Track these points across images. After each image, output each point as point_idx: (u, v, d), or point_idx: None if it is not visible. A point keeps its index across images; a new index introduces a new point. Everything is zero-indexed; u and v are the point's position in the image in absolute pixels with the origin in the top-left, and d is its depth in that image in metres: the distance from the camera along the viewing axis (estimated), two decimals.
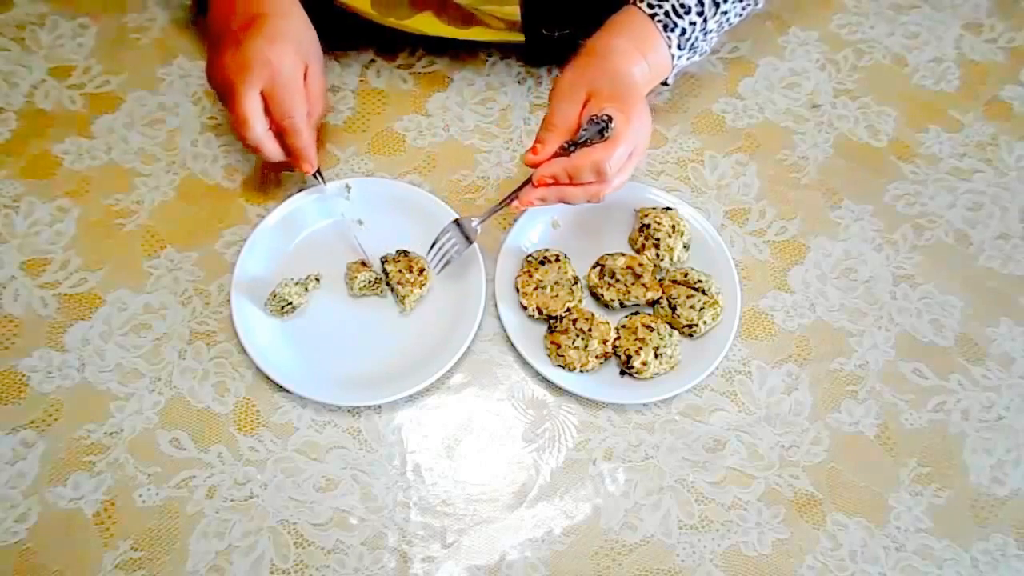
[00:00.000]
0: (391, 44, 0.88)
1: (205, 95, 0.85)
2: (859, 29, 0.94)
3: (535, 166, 0.68)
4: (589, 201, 0.69)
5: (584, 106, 0.68)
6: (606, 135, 0.66)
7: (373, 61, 0.88)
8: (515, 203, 0.70)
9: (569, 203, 0.70)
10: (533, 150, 0.68)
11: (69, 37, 0.87)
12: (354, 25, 0.83)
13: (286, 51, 0.69)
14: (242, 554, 0.66)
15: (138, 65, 0.86)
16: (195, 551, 0.66)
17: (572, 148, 0.67)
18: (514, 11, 0.77)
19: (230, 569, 0.66)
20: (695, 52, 0.77)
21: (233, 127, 0.70)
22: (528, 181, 0.69)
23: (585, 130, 0.67)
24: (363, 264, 0.75)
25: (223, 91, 0.70)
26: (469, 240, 0.74)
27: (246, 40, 0.68)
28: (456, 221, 0.75)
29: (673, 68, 0.76)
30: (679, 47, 0.74)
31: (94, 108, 0.83)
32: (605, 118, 0.67)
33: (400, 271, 0.74)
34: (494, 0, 0.77)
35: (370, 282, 0.74)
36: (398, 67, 0.88)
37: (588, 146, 0.67)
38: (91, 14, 0.88)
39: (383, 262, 0.75)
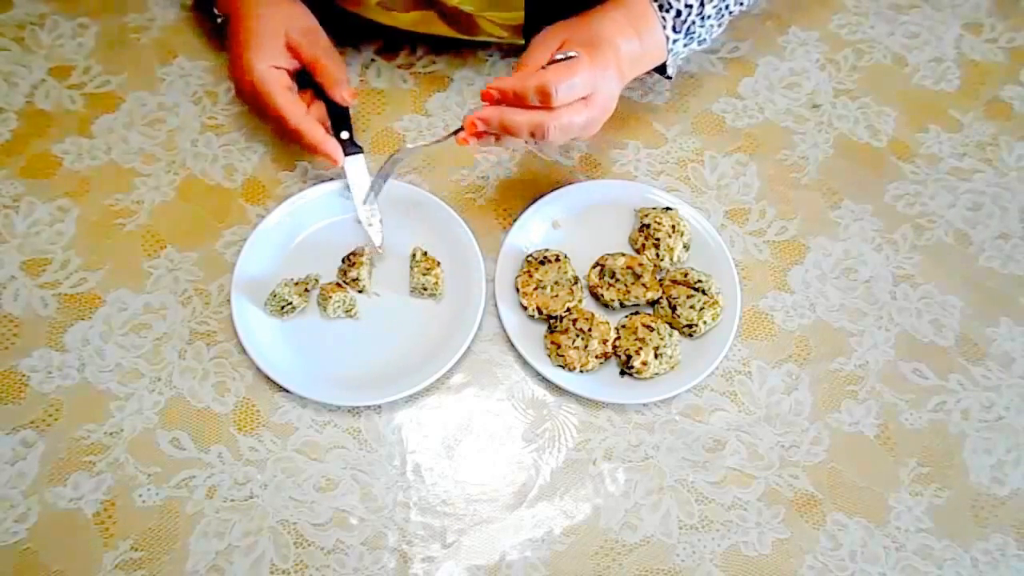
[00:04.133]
0: (391, 44, 0.88)
1: (205, 95, 0.85)
2: (859, 29, 0.94)
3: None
4: (533, 135, 0.66)
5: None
6: None
7: (373, 61, 0.88)
8: (460, 133, 0.67)
9: (512, 133, 0.66)
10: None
11: (69, 37, 0.87)
12: (354, 25, 0.83)
13: (258, 58, 0.72)
14: (242, 554, 0.66)
15: (138, 65, 0.86)
16: (195, 551, 0.66)
17: None
18: (517, 16, 0.77)
19: (230, 569, 0.66)
20: (693, 39, 0.76)
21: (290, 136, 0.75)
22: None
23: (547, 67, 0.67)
24: (337, 285, 0.75)
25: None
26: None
27: (231, 58, 0.75)
28: (401, 150, 0.74)
29: (670, 53, 0.75)
30: (674, 29, 0.73)
31: (94, 108, 0.83)
32: (570, 55, 0.66)
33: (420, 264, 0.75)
34: (497, 6, 0.77)
35: (344, 303, 0.74)
36: (398, 67, 0.88)
37: None
38: (91, 14, 0.88)
39: (412, 256, 0.76)
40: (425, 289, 0.75)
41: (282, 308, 0.73)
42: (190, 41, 0.88)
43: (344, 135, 0.78)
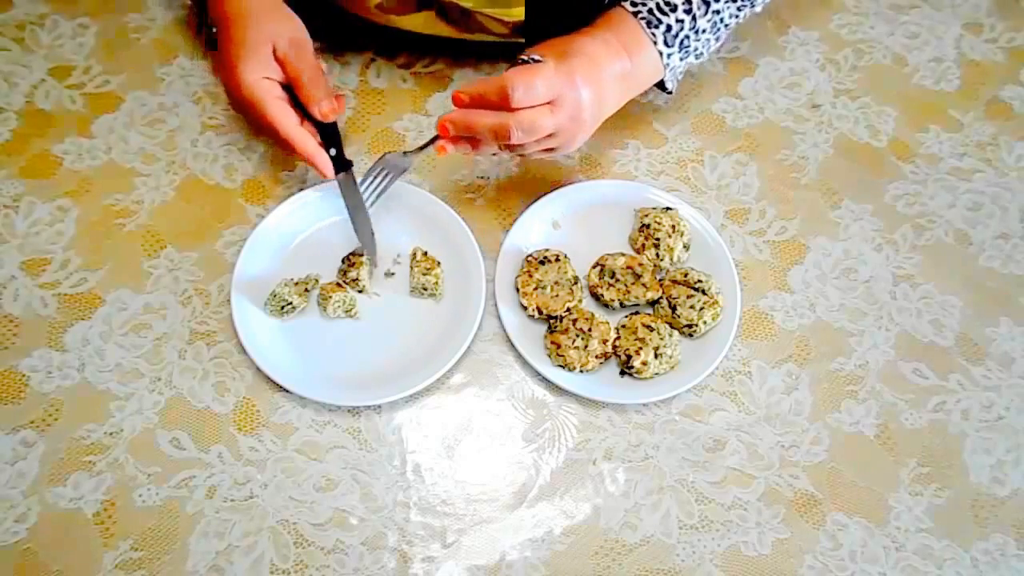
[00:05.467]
0: (391, 44, 0.88)
1: (205, 95, 0.85)
2: (859, 29, 0.94)
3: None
4: (496, 137, 0.67)
5: None
6: None
7: (373, 61, 0.88)
8: (437, 143, 0.69)
9: (475, 133, 0.67)
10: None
11: (69, 37, 0.87)
12: (354, 25, 0.83)
13: (243, 71, 0.72)
14: (242, 554, 0.66)
15: (138, 65, 0.86)
16: (195, 551, 0.66)
17: None
18: (518, 12, 0.77)
19: (230, 569, 0.66)
20: (689, 53, 0.76)
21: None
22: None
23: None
24: (337, 285, 0.75)
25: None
26: (402, 170, 0.75)
27: (224, 69, 0.75)
28: (384, 157, 0.75)
29: (667, 68, 0.75)
30: (666, 43, 0.74)
31: (94, 108, 0.83)
32: (532, 59, 0.66)
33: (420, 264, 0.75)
34: (497, 3, 0.77)
35: (344, 303, 0.74)
36: (398, 67, 0.88)
37: None
38: (91, 14, 0.88)
39: (412, 256, 0.76)
40: (425, 289, 0.75)
41: (282, 308, 0.73)
42: (190, 41, 0.88)
43: (332, 152, 0.76)
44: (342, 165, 0.76)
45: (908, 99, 0.90)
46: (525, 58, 0.69)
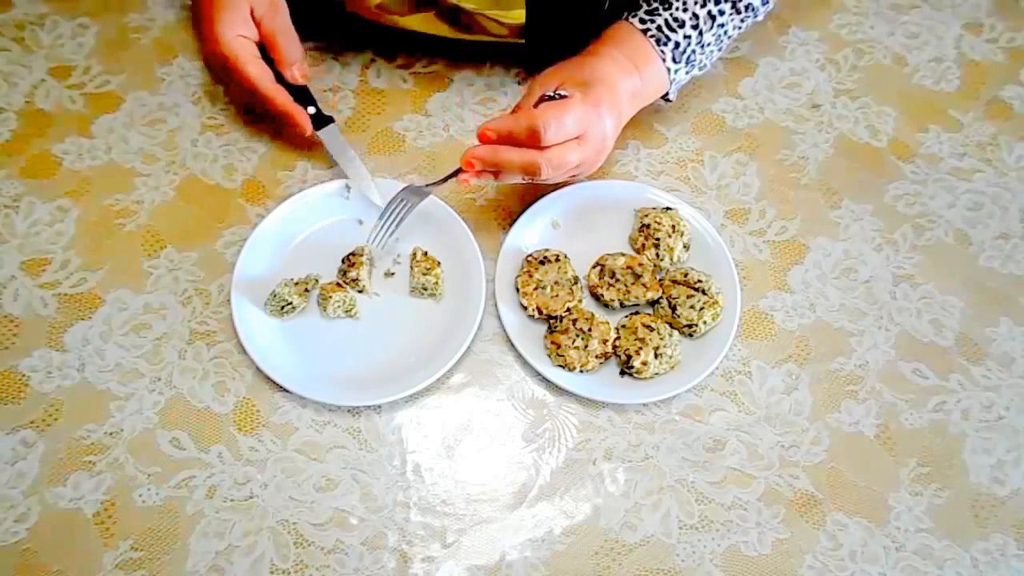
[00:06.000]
0: (391, 44, 0.88)
1: (205, 95, 0.85)
2: (859, 29, 0.94)
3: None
4: (525, 173, 0.67)
5: None
6: None
7: (373, 61, 0.88)
8: (461, 174, 0.68)
9: (504, 170, 0.66)
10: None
11: (69, 37, 0.87)
12: (354, 25, 0.83)
13: (221, 28, 0.73)
14: (242, 554, 0.66)
15: (138, 65, 0.86)
16: (195, 551, 0.66)
17: None
18: (519, 15, 0.77)
19: (230, 569, 0.66)
20: (694, 66, 0.77)
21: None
22: None
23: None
24: (338, 285, 0.75)
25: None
26: (421, 199, 0.75)
27: (201, 27, 0.76)
28: (407, 188, 0.75)
29: (672, 82, 0.76)
30: (674, 60, 0.75)
31: (94, 108, 0.83)
32: (559, 94, 0.66)
33: (420, 263, 0.75)
34: (498, 5, 0.77)
35: (344, 303, 0.74)
36: (398, 67, 0.88)
37: None
38: (91, 14, 0.88)
39: (412, 256, 0.76)
40: (425, 289, 0.75)
41: (282, 308, 0.73)
42: (190, 41, 0.87)
43: (311, 110, 0.78)
44: (323, 120, 0.78)
45: (908, 99, 0.90)
46: (551, 94, 0.68)
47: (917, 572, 0.69)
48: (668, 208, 0.79)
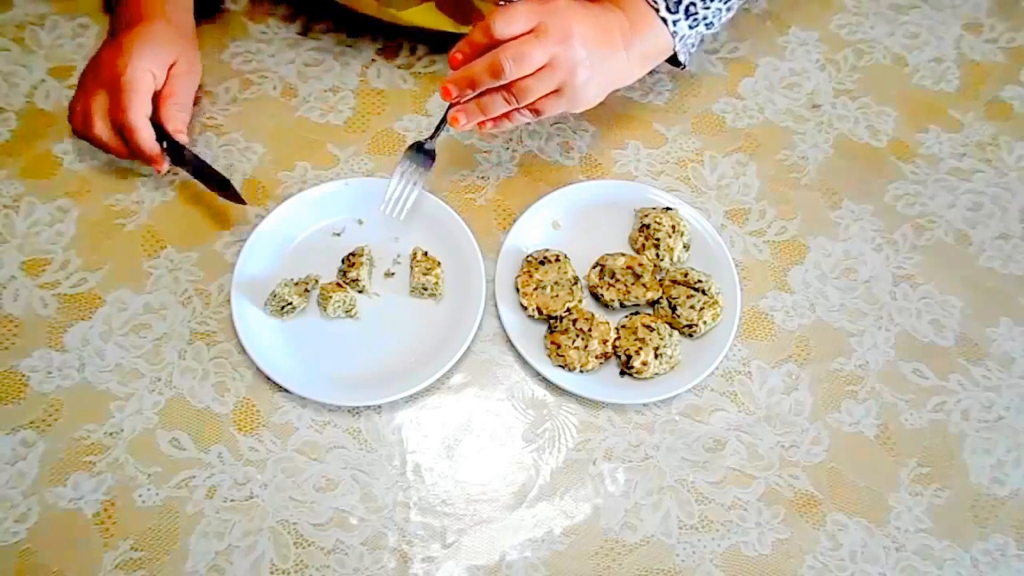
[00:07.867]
0: (391, 44, 0.88)
1: (204, 95, 0.85)
2: (859, 29, 0.94)
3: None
4: (492, 77, 0.66)
5: None
6: None
7: (373, 61, 0.88)
8: (450, 113, 0.69)
9: (476, 82, 0.67)
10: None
11: (69, 37, 0.87)
12: (352, 19, 0.82)
13: (138, 57, 0.73)
14: (242, 554, 0.66)
15: None
16: (195, 551, 0.66)
17: None
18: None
19: (230, 569, 0.66)
20: (699, 21, 0.75)
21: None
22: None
23: None
24: (338, 285, 0.75)
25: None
26: (431, 159, 0.75)
27: (113, 41, 0.76)
28: (410, 149, 0.75)
29: (675, 37, 0.74)
30: (669, 9, 0.73)
31: None
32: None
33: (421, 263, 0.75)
34: None
35: (344, 303, 0.74)
36: (398, 67, 0.88)
37: None
38: (91, 14, 0.88)
39: (412, 256, 0.76)
40: (425, 289, 0.75)
41: (282, 308, 0.73)
42: None
43: (164, 144, 0.75)
44: (176, 152, 0.76)
45: (908, 99, 0.90)
46: (503, 1, 0.68)
47: (917, 572, 0.69)
48: (668, 208, 0.79)
